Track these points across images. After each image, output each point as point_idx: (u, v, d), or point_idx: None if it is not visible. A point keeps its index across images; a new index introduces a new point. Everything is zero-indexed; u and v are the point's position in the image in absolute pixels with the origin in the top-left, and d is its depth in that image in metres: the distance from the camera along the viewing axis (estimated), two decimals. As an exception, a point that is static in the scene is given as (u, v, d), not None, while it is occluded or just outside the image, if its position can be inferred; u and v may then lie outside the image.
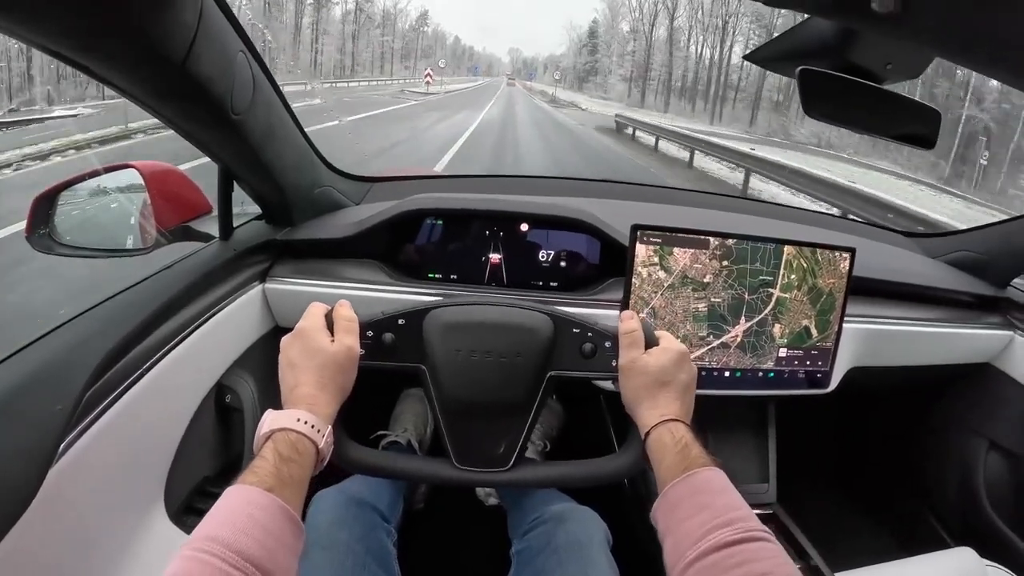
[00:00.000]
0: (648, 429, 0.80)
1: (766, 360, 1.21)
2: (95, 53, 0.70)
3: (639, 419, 0.83)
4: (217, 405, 1.13)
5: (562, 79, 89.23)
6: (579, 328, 0.91)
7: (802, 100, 0.88)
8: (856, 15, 0.56)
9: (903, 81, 0.93)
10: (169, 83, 0.81)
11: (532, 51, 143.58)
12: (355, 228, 1.28)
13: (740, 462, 1.44)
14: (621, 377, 0.86)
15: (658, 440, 0.78)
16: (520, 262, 1.31)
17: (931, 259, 1.68)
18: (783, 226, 1.61)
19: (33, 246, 1.14)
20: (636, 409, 0.84)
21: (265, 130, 1.06)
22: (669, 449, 0.77)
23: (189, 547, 0.57)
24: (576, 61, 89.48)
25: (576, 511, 1.13)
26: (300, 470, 0.69)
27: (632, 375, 0.84)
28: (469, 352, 0.89)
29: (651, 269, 1.15)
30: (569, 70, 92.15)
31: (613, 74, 74.58)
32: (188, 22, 0.75)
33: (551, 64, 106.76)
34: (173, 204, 1.20)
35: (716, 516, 0.67)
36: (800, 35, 0.89)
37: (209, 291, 1.10)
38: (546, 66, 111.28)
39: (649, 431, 0.80)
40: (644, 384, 0.83)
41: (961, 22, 0.53)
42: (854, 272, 1.22)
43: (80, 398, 0.76)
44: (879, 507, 1.87)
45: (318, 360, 0.79)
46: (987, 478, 1.53)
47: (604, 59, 78.88)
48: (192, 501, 1.05)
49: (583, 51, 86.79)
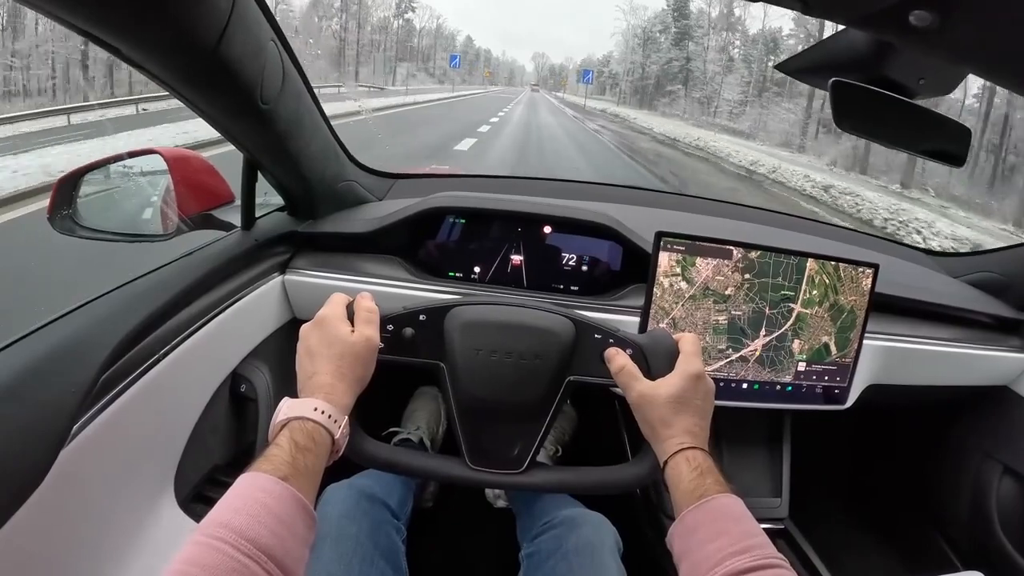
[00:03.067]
0: (666, 458, 0.79)
1: (784, 374, 1.20)
2: (128, 36, 0.71)
3: (656, 448, 0.83)
4: (231, 394, 1.13)
5: (606, 90, 70.49)
6: (600, 334, 0.91)
7: (833, 112, 0.87)
8: (893, 28, 0.55)
9: (935, 97, 0.92)
10: (200, 68, 0.81)
11: (561, 56, 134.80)
12: (377, 223, 1.28)
13: (753, 476, 1.42)
14: (634, 411, 0.85)
15: (675, 468, 0.78)
16: (541, 264, 1.31)
17: (952, 279, 1.66)
18: (806, 239, 1.60)
19: (55, 227, 1.15)
20: (652, 439, 0.83)
21: (293, 121, 1.06)
22: (685, 476, 0.76)
23: (201, 533, 0.57)
24: (639, 62, 60.53)
25: (587, 516, 1.13)
26: (315, 460, 0.69)
27: (643, 409, 0.83)
28: (489, 352, 0.89)
29: (673, 279, 1.14)
30: (622, 77, 65.79)
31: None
32: (222, 6, 0.75)
33: (582, 70, 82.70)
34: (196, 191, 1.20)
35: (733, 543, 0.67)
36: (833, 47, 0.88)
37: (229, 280, 1.10)
38: (579, 73, 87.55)
39: (667, 459, 0.79)
40: (659, 416, 0.81)
41: (998, 39, 0.52)
42: (877, 288, 1.21)
43: (96, 380, 0.76)
44: (890, 527, 1.85)
45: (337, 349, 0.78)
46: (1000, 503, 1.51)
47: (699, 58, 51.45)
48: (202, 489, 1.05)
49: (657, 44, 57.41)
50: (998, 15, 0.48)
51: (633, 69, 62.54)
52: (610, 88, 74.17)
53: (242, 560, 0.54)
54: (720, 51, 52.25)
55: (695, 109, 48.88)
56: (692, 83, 51.96)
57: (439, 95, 42.63)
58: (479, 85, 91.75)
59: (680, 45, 55.01)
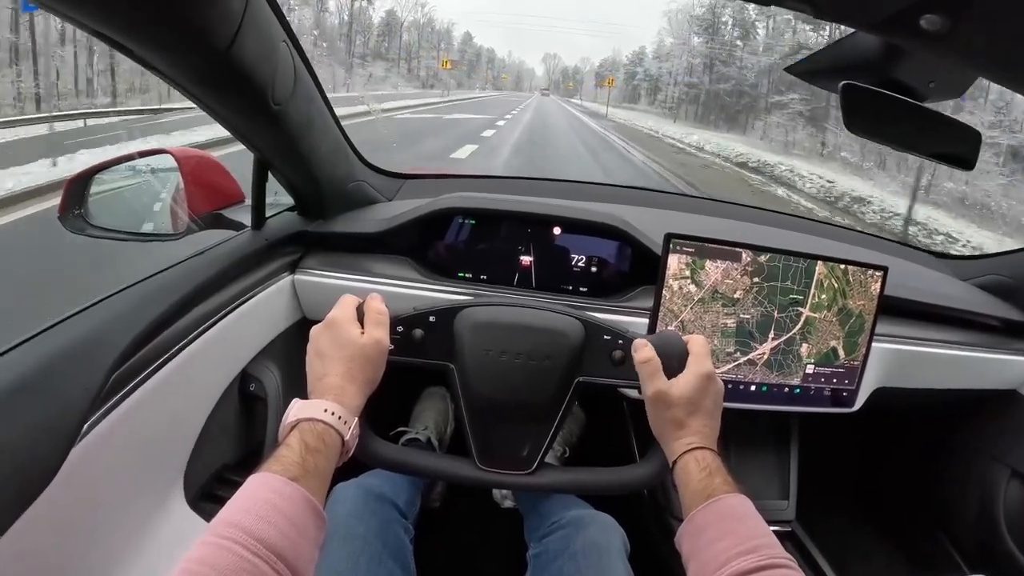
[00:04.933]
0: (675, 458, 0.80)
1: (792, 377, 1.20)
2: (140, 37, 0.71)
3: (666, 447, 0.83)
4: (241, 393, 1.14)
5: (640, 97, 55.47)
6: (610, 335, 0.91)
7: (843, 115, 0.87)
8: (904, 33, 0.55)
9: (945, 100, 0.92)
10: (212, 70, 0.81)
11: (575, 58, 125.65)
12: (387, 224, 1.29)
13: (761, 478, 1.42)
14: (648, 408, 0.85)
15: (684, 468, 0.78)
16: (551, 265, 1.31)
17: (961, 282, 1.65)
18: (815, 241, 1.59)
19: (66, 226, 1.16)
20: (662, 438, 0.84)
21: (304, 122, 1.06)
22: (694, 476, 0.77)
23: (211, 533, 0.57)
24: (699, 58, 45.82)
25: (595, 517, 1.13)
26: (325, 461, 0.69)
27: (658, 408, 0.83)
28: (499, 353, 0.89)
29: (682, 282, 1.14)
30: (670, 80, 51.00)
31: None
32: (235, 8, 0.75)
33: (603, 73, 72.48)
34: (206, 191, 1.21)
35: (740, 543, 0.68)
36: (844, 50, 0.88)
37: (239, 279, 1.11)
38: (598, 74, 78.11)
39: (676, 459, 0.80)
40: (671, 416, 0.82)
41: (1009, 43, 0.52)
42: (885, 290, 1.21)
43: (107, 379, 0.76)
44: (896, 530, 1.85)
45: (347, 351, 0.79)
46: (1007, 507, 1.50)
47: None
48: (210, 487, 1.06)
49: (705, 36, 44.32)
50: (1009, 19, 0.48)
51: (694, 68, 46.38)
52: (647, 95, 58.95)
53: (252, 560, 0.55)
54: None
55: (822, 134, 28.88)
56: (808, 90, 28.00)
57: (413, 102, 33.12)
58: (479, 90, 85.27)
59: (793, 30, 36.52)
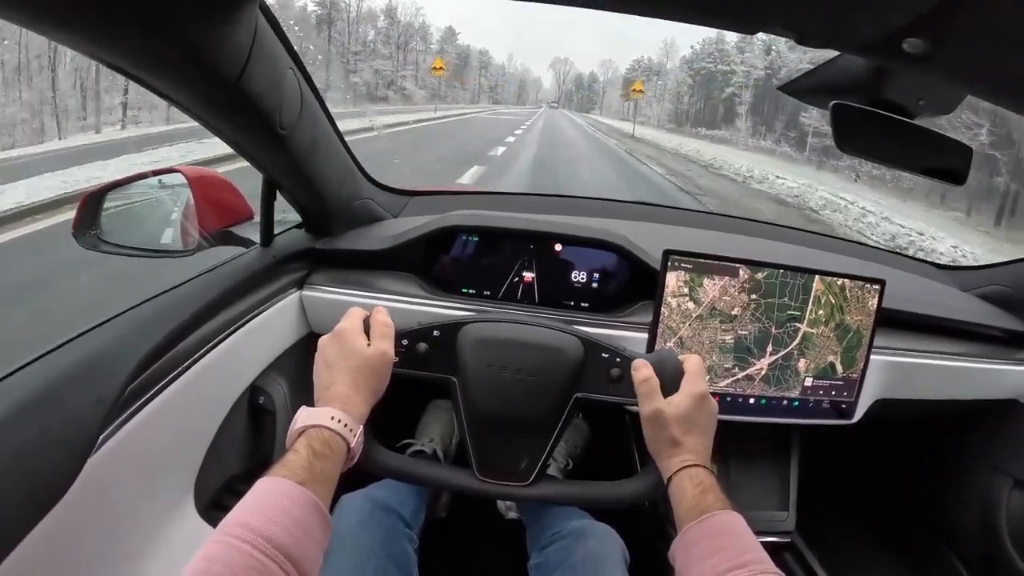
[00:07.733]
0: (670, 475, 0.82)
1: (791, 391, 1.22)
2: (152, 70, 0.74)
3: (661, 465, 0.86)
4: (250, 406, 1.16)
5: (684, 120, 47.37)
6: (608, 353, 0.93)
7: (834, 134, 0.89)
8: (888, 56, 0.57)
9: (935, 117, 0.94)
10: (222, 99, 0.84)
11: (588, 66, 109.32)
12: (392, 241, 1.31)
13: (761, 489, 1.43)
14: (644, 425, 0.88)
15: (678, 485, 0.81)
16: (552, 281, 1.32)
17: (963, 292, 1.66)
18: (814, 254, 1.60)
19: (79, 243, 1.18)
20: (658, 455, 0.87)
21: (310, 144, 1.09)
22: (688, 493, 0.79)
23: (221, 532, 0.59)
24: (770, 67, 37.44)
25: (595, 528, 1.15)
26: (331, 466, 0.72)
27: (654, 426, 0.86)
28: (500, 368, 0.91)
29: (680, 299, 1.16)
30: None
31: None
32: (243, 43, 0.77)
33: (632, 77, 60.68)
34: (216, 209, 1.23)
35: (731, 558, 0.70)
36: (833, 70, 0.90)
37: (249, 295, 1.13)
38: (626, 80, 66.89)
39: (671, 476, 0.82)
40: (667, 436, 0.84)
41: (995, 63, 0.54)
42: (885, 303, 1.22)
43: (121, 392, 0.78)
44: (897, 540, 1.84)
45: (354, 362, 0.82)
46: (1009, 516, 1.50)
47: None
48: (220, 497, 1.08)
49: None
50: (990, 41, 0.50)
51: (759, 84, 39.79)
52: (724, 115, 51.26)
53: (260, 559, 0.57)
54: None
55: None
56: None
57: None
58: (467, 104, 71.93)
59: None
